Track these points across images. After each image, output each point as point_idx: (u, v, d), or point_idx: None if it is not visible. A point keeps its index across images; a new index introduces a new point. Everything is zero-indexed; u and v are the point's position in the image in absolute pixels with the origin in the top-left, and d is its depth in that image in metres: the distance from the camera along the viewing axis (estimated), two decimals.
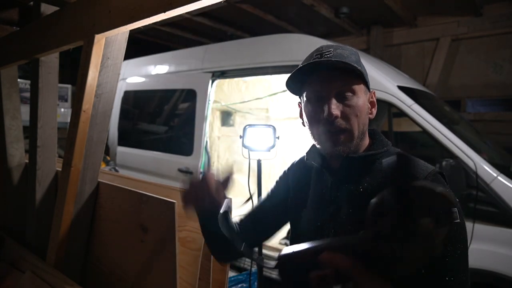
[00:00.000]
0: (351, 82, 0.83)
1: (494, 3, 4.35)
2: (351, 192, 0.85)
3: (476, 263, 2.01)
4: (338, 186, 0.88)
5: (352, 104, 0.82)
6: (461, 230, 0.76)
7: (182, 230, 1.31)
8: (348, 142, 0.83)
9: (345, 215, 0.84)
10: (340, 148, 0.83)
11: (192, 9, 1.04)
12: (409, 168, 0.78)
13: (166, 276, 1.22)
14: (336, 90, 0.82)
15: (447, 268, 0.73)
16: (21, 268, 1.62)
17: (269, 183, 4.70)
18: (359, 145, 0.86)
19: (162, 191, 1.47)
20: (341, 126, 0.82)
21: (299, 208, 0.97)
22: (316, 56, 0.84)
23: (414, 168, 0.80)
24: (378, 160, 0.86)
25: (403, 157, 0.72)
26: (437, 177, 0.79)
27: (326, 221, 0.86)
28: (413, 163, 0.81)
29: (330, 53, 0.82)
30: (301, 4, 4.32)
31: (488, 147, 2.85)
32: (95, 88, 1.45)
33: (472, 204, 2.11)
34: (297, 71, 0.84)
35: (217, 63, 3.50)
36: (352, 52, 0.86)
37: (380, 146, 0.88)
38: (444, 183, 0.79)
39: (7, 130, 2.06)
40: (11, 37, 2.08)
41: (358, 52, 0.88)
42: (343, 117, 0.82)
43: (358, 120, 0.83)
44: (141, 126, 4.39)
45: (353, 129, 0.83)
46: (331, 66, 0.81)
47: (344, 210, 0.84)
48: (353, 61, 0.82)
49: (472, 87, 4.67)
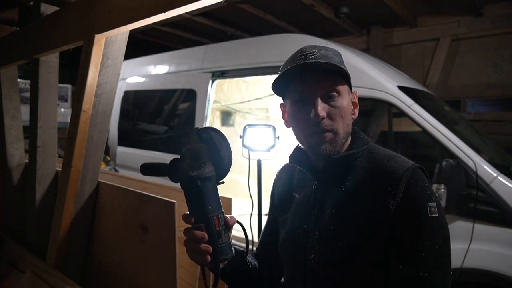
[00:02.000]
0: (336, 83, 0.83)
1: (494, 3, 4.35)
2: (334, 192, 0.85)
3: (476, 263, 2.01)
4: (322, 188, 0.88)
5: (337, 105, 0.83)
6: (440, 225, 0.76)
7: (182, 230, 1.31)
8: (334, 141, 0.83)
9: (328, 215, 0.84)
10: (327, 147, 0.83)
11: (192, 9, 1.04)
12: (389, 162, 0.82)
13: (166, 276, 1.22)
14: (322, 91, 0.82)
15: (422, 263, 0.73)
16: (21, 268, 1.62)
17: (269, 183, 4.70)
18: (343, 145, 0.87)
19: (162, 191, 1.47)
20: (327, 126, 0.82)
21: (285, 212, 0.98)
22: (300, 57, 0.83)
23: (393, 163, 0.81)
24: (360, 159, 0.86)
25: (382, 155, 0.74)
26: (415, 172, 0.79)
27: (311, 223, 0.87)
28: (394, 158, 0.83)
29: (314, 54, 0.82)
30: (301, 4, 4.32)
31: (488, 147, 2.85)
32: (95, 88, 1.45)
33: (472, 204, 2.11)
34: (283, 74, 0.84)
35: (217, 63, 3.50)
36: (335, 53, 0.86)
37: (360, 144, 0.89)
38: (423, 179, 0.79)
39: (7, 130, 2.06)
40: (11, 37, 2.08)
41: (340, 53, 0.88)
42: (329, 118, 0.83)
43: (343, 120, 0.84)
44: (141, 126, 4.39)
45: (339, 129, 0.83)
46: (318, 68, 0.81)
47: (327, 210, 0.85)
48: (337, 62, 0.82)
49: (472, 87, 4.67)
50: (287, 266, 0.95)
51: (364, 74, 2.61)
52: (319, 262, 0.83)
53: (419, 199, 0.76)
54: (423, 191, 0.77)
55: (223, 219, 0.76)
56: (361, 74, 2.60)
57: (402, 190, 0.76)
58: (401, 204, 0.76)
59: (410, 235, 0.75)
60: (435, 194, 0.80)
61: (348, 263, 0.79)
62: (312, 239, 0.85)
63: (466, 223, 2.12)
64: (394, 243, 0.76)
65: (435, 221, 0.75)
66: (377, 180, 0.80)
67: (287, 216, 0.96)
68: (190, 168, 0.72)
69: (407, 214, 0.75)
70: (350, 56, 2.67)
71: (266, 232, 1.09)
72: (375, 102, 2.68)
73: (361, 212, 0.79)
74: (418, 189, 0.77)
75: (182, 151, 0.76)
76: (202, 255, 0.74)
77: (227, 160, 0.77)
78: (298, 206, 0.93)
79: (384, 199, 0.77)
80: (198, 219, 0.75)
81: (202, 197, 0.73)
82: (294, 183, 0.99)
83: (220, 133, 0.78)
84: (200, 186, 0.72)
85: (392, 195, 0.77)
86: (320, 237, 0.84)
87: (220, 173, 0.77)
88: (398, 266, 0.75)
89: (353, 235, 0.79)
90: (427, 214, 0.75)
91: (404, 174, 0.78)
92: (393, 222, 0.76)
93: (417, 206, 0.75)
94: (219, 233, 0.74)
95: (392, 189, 0.77)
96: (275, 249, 0.99)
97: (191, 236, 0.75)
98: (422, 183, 0.78)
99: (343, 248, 0.80)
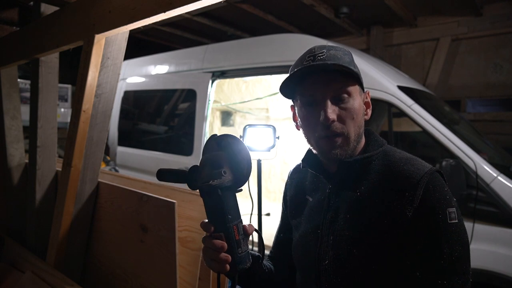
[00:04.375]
0: (346, 84, 0.80)
1: (494, 3, 4.35)
2: (349, 197, 0.83)
3: (476, 263, 2.01)
4: (336, 192, 0.86)
5: (348, 107, 0.80)
6: (459, 231, 0.73)
7: (182, 230, 1.31)
8: (345, 145, 0.81)
9: (343, 221, 0.82)
10: (338, 152, 0.81)
11: (192, 9, 1.04)
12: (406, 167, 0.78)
13: (166, 276, 1.22)
14: (331, 93, 0.80)
15: (441, 271, 0.71)
16: (21, 268, 1.62)
17: (269, 183, 4.73)
18: (355, 148, 0.84)
19: (162, 191, 1.47)
20: (337, 130, 0.80)
21: (298, 216, 0.96)
22: (309, 58, 0.81)
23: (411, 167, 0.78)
24: (374, 162, 0.83)
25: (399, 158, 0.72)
26: (433, 177, 0.76)
27: (325, 228, 0.84)
28: (410, 162, 0.80)
29: (323, 55, 0.80)
30: (301, 4, 4.32)
31: (488, 147, 2.85)
32: (95, 88, 1.44)
33: (472, 204, 2.11)
34: (291, 75, 0.82)
35: (217, 63, 3.50)
36: (345, 53, 0.83)
37: (375, 146, 0.86)
38: (442, 183, 0.77)
39: (7, 130, 2.06)
40: (11, 37, 2.08)
41: (351, 51, 0.87)
42: (340, 121, 0.80)
43: (354, 122, 0.81)
44: (141, 126, 4.39)
45: (350, 132, 0.81)
46: (327, 69, 0.79)
47: (341, 215, 0.82)
48: (347, 62, 0.80)
49: (472, 87, 4.67)
50: (301, 269, 0.93)
51: (364, 74, 2.58)
52: (333, 268, 0.81)
53: (439, 204, 0.73)
54: (442, 197, 0.74)
55: (242, 228, 0.75)
56: (361, 74, 2.60)
57: (420, 196, 0.73)
58: (419, 210, 0.73)
59: (429, 242, 0.72)
60: (453, 198, 0.76)
61: (363, 270, 0.77)
62: (326, 244, 0.83)
63: (466, 223, 2.09)
64: (411, 250, 0.73)
65: (454, 227, 0.72)
66: (394, 184, 0.77)
67: (301, 219, 0.94)
68: (211, 177, 0.71)
69: (426, 221, 0.72)
70: None
71: (280, 234, 1.07)
72: (375, 102, 2.68)
73: (376, 218, 0.77)
74: (437, 194, 0.74)
75: (202, 158, 0.75)
76: (221, 264, 0.73)
77: (246, 168, 0.76)
78: (311, 210, 0.91)
79: (401, 204, 0.74)
80: (217, 228, 0.74)
81: (222, 206, 0.72)
82: (307, 185, 0.96)
83: (238, 140, 0.77)
84: (220, 195, 0.72)
85: (409, 200, 0.74)
86: (334, 242, 0.82)
87: (239, 181, 0.76)
88: (416, 274, 0.73)
89: (368, 242, 0.77)
90: (447, 220, 0.72)
91: (422, 179, 0.75)
92: (410, 229, 0.73)
93: (436, 212, 0.72)
94: (239, 242, 0.74)
95: (409, 194, 0.74)
96: (289, 252, 0.98)
97: (210, 245, 0.74)
98: (440, 188, 0.75)
99: (358, 255, 0.77)
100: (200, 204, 1.30)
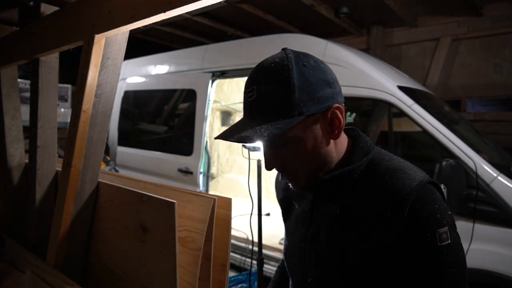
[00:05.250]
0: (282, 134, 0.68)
1: (494, 3, 4.35)
2: (329, 213, 0.77)
3: (476, 263, 2.01)
4: (317, 206, 0.81)
5: (290, 156, 0.72)
6: (452, 253, 0.66)
7: (182, 230, 1.31)
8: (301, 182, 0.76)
9: (324, 238, 0.77)
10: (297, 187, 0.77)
11: (192, 9, 1.04)
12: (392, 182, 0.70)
13: (166, 276, 1.22)
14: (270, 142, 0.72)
15: None
16: (21, 268, 1.62)
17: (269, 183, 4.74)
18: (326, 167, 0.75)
19: (162, 191, 1.47)
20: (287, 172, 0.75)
21: (287, 220, 0.95)
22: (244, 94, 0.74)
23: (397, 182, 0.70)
24: (357, 174, 0.75)
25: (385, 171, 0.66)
26: (422, 193, 0.67)
27: (308, 244, 0.81)
28: (397, 174, 0.71)
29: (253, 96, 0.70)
30: (301, 4, 4.32)
31: (488, 147, 2.85)
32: (95, 88, 1.44)
33: (472, 204, 2.11)
34: None
35: (217, 63, 3.50)
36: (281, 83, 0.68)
37: (360, 155, 0.76)
38: (432, 199, 0.68)
39: (7, 130, 2.06)
40: (11, 37, 2.08)
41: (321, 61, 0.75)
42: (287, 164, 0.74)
43: (304, 164, 0.73)
44: (141, 126, 4.39)
45: (301, 173, 0.75)
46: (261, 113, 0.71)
47: (323, 232, 0.77)
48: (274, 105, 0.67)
49: (472, 87, 4.67)
50: (291, 278, 0.92)
51: (364, 74, 2.61)
52: (317, 286, 0.79)
53: (427, 225, 0.65)
54: (431, 216, 0.65)
55: None
56: (361, 74, 2.61)
57: (405, 215, 0.65)
58: (406, 232, 0.65)
59: (418, 267, 0.65)
60: (447, 215, 0.68)
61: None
62: (309, 260, 0.80)
63: (466, 223, 2.12)
64: (399, 274, 0.67)
65: (446, 249, 0.64)
66: (376, 204, 0.69)
67: (289, 225, 0.93)
68: None
69: (413, 244, 0.65)
70: (350, 56, 2.68)
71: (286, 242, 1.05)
72: (375, 102, 2.68)
73: (358, 238, 0.70)
74: (425, 214, 0.65)
75: None
76: None
77: None
78: (297, 219, 0.88)
79: (385, 225, 0.67)
80: None
81: None
82: (293, 190, 0.90)
83: None
84: None
85: (392, 223, 0.66)
86: (316, 261, 0.78)
87: None
88: None
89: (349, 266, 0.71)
90: (436, 243, 0.64)
91: (407, 197, 0.66)
92: (396, 251, 0.66)
93: (424, 235, 0.64)
94: None
95: (392, 216, 0.66)
96: None
97: None
98: (430, 206, 0.66)
99: (339, 277, 0.73)
100: (200, 204, 1.30)
